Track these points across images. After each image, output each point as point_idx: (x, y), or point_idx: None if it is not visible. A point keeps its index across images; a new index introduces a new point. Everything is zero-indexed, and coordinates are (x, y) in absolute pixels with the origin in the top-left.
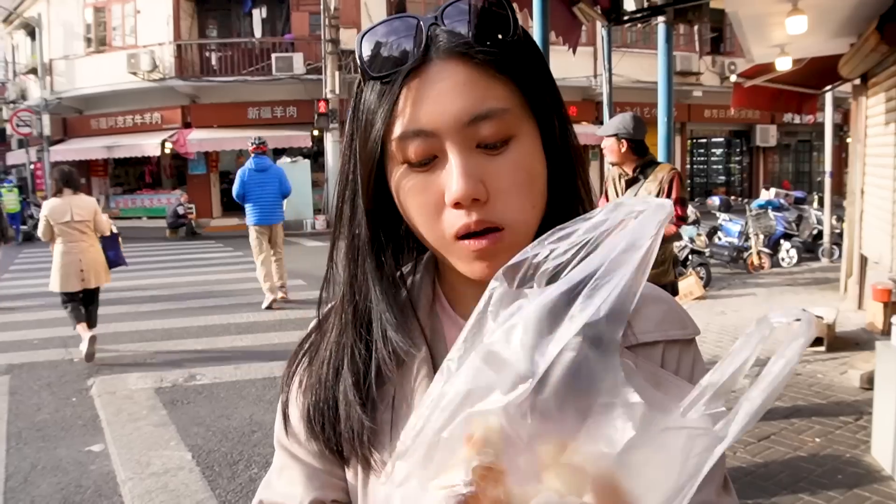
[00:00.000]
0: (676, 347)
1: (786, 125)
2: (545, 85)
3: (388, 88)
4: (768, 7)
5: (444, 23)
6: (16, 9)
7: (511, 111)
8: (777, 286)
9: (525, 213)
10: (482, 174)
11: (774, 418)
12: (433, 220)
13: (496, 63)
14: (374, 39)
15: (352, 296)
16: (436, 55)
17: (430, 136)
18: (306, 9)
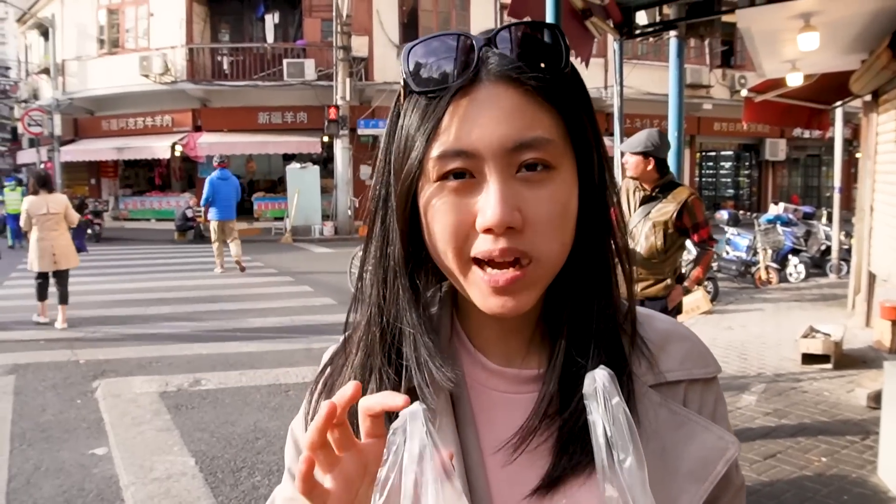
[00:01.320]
0: (699, 386)
1: (795, 139)
2: (589, 120)
3: (434, 105)
4: (780, 23)
5: (498, 46)
6: (30, 9)
7: (555, 143)
8: (784, 301)
9: (554, 250)
10: (519, 202)
11: (780, 436)
12: (457, 241)
13: (545, 92)
14: (423, 53)
15: (380, 317)
16: (486, 77)
17: (471, 157)
18: (319, 15)
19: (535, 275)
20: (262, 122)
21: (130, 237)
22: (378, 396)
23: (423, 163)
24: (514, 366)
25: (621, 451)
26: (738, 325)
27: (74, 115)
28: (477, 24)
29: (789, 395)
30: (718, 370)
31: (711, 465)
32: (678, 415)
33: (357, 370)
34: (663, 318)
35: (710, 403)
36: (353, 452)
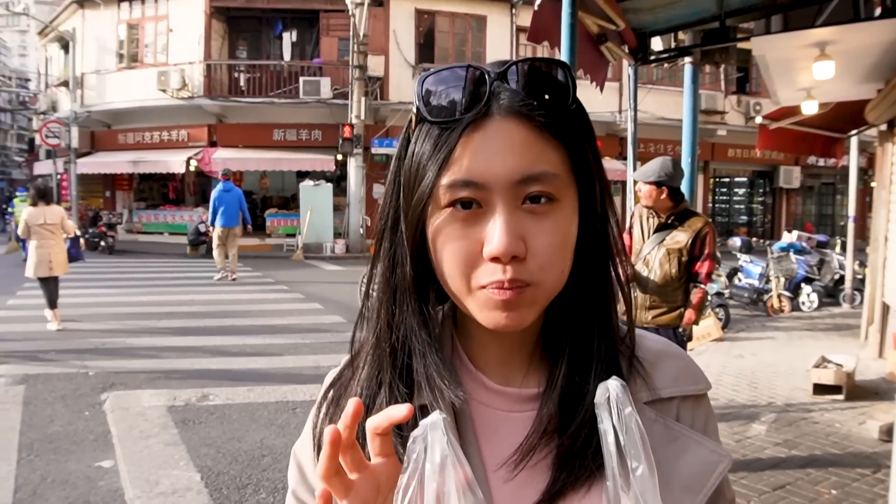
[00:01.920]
0: (690, 402)
1: (810, 167)
2: (592, 155)
3: (446, 136)
4: (795, 52)
5: (509, 81)
6: (51, 22)
7: (559, 177)
8: (797, 330)
9: (553, 276)
10: (524, 232)
11: (790, 468)
12: (465, 268)
13: (552, 128)
14: (437, 83)
15: (390, 335)
16: (497, 111)
17: (480, 188)
18: (336, 34)
19: (533, 296)
20: (276, 139)
21: (143, 250)
22: (383, 413)
23: (434, 190)
24: (514, 385)
25: (634, 460)
26: (749, 354)
27: (92, 127)
28: (493, 46)
29: (800, 425)
30: (708, 387)
31: (705, 477)
32: (672, 430)
33: (365, 383)
34: (656, 338)
35: (701, 418)
36: (365, 474)
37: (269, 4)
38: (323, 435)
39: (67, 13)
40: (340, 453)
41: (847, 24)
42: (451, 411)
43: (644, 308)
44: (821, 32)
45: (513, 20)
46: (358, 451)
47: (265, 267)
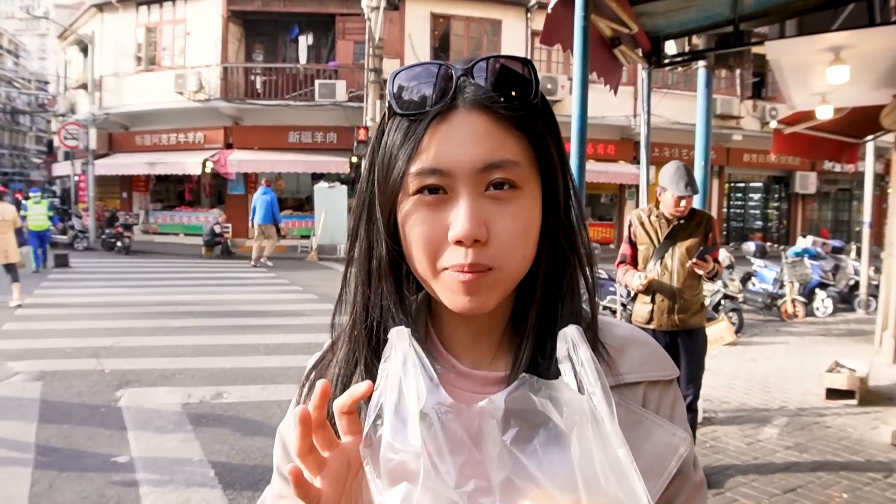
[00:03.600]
0: (657, 388)
1: (826, 173)
2: (555, 146)
3: (414, 128)
4: (810, 56)
5: (474, 76)
6: (71, 25)
7: (521, 165)
8: (810, 336)
9: (515, 260)
10: (486, 217)
11: (802, 471)
12: (432, 251)
13: (515, 119)
14: (408, 79)
15: (366, 316)
16: (462, 104)
17: (445, 175)
18: (351, 38)
19: (495, 279)
20: (292, 141)
21: (159, 251)
22: (346, 392)
23: (404, 178)
24: (482, 368)
25: (589, 386)
26: (763, 358)
27: (109, 129)
28: (508, 50)
29: (812, 429)
30: (676, 373)
31: (666, 460)
32: (635, 414)
33: (342, 363)
34: (623, 326)
35: (668, 404)
36: (337, 451)
37: (285, 8)
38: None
39: (86, 17)
40: (312, 432)
41: (862, 28)
42: None
43: (666, 311)
44: (836, 37)
45: (528, 24)
46: (329, 430)
47: (280, 268)
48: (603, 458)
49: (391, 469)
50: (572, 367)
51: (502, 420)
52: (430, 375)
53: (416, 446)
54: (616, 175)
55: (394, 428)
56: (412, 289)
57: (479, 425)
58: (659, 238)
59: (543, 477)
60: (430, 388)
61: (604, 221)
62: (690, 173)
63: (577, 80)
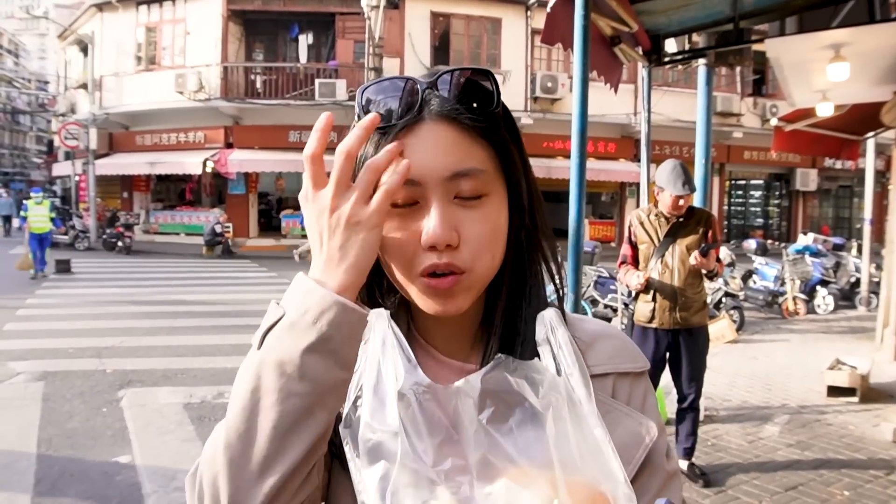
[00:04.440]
0: (627, 380)
1: (827, 170)
2: (518, 153)
3: (383, 140)
4: (810, 54)
5: (439, 88)
6: (70, 25)
7: (487, 172)
8: (812, 333)
9: (485, 262)
10: (456, 223)
11: (803, 469)
12: (406, 257)
13: (479, 129)
14: (375, 93)
15: None
16: (428, 116)
17: (415, 185)
18: (351, 37)
19: (468, 281)
20: (292, 140)
21: (160, 250)
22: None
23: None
24: (458, 359)
25: (567, 367)
26: (764, 356)
27: (110, 129)
28: (508, 49)
29: (813, 427)
30: (646, 365)
31: (633, 449)
32: (604, 404)
33: None
34: (594, 322)
35: (639, 396)
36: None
37: (285, 7)
38: None
39: (86, 17)
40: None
41: (862, 25)
42: None
43: (668, 310)
44: (836, 34)
45: (528, 22)
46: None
47: (280, 267)
48: (580, 438)
49: (370, 448)
50: (550, 350)
51: (478, 400)
52: (408, 356)
53: (393, 426)
54: (616, 173)
55: (372, 408)
56: (386, 295)
57: (455, 405)
58: (659, 237)
59: (519, 456)
60: (408, 368)
61: (604, 219)
62: (687, 171)
63: (577, 79)
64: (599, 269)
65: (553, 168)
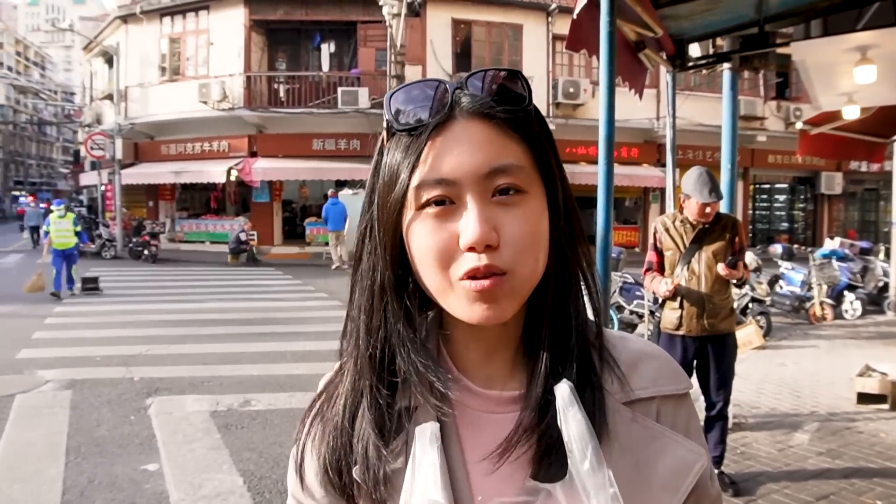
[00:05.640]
0: (671, 402)
1: (852, 173)
2: (553, 154)
3: (414, 141)
4: (836, 56)
5: (469, 88)
6: (96, 37)
7: (524, 169)
8: (840, 339)
9: (528, 265)
10: (496, 222)
11: (834, 478)
12: (443, 261)
13: (513, 124)
14: (403, 97)
15: (368, 338)
16: (459, 114)
17: (450, 184)
18: (373, 45)
19: (511, 284)
20: (315, 149)
21: (185, 259)
22: None
23: (407, 192)
24: (496, 388)
25: (578, 456)
26: (792, 362)
27: (135, 139)
28: (529, 55)
29: (844, 435)
30: (689, 386)
31: (682, 476)
32: (650, 430)
33: (348, 391)
34: (636, 340)
35: (682, 419)
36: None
37: (307, 16)
38: (304, 452)
39: (111, 28)
40: None
41: (889, 27)
42: (437, 408)
43: (695, 317)
44: (862, 36)
45: (549, 28)
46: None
47: (305, 275)
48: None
49: None
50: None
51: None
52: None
53: None
54: (640, 178)
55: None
56: (417, 307)
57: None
58: (685, 243)
59: None
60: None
61: (628, 225)
62: (714, 179)
63: (603, 86)
64: (625, 274)
65: (576, 174)
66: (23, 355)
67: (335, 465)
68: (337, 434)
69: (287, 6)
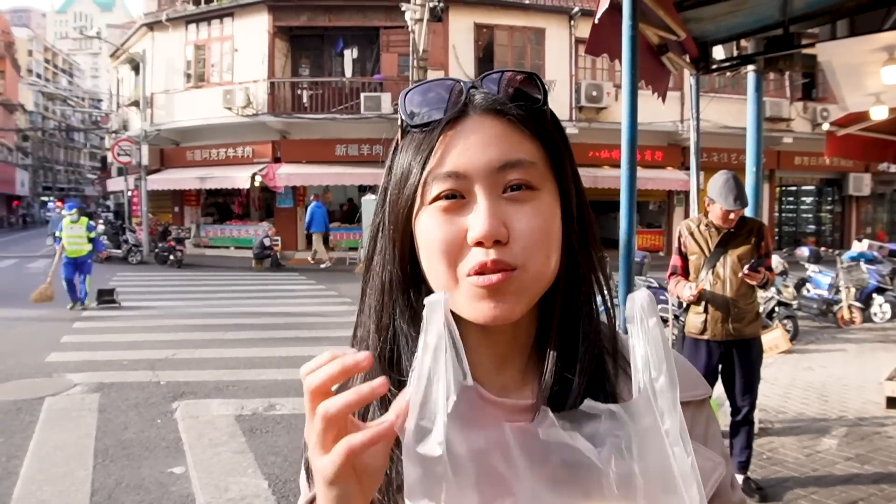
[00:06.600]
0: (690, 409)
1: (881, 174)
2: (567, 156)
3: (427, 137)
4: (863, 56)
5: (483, 87)
6: (122, 45)
7: (537, 166)
8: (868, 342)
9: (538, 261)
10: (505, 218)
11: (863, 483)
12: (451, 256)
13: (526, 122)
14: (417, 96)
15: (378, 336)
16: (472, 111)
17: (460, 178)
18: (396, 50)
19: (520, 281)
20: (339, 154)
21: (210, 264)
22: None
23: (419, 187)
24: (510, 396)
25: (654, 370)
26: (819, 366)
27: (161, 145)
28: (552, 59)
29: (873, 440)
30: (708, 392)
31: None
32: None
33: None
34: None
35: (701, 424)
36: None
37: (330, 23)
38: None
39: (138, 36)
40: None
41: None
42: None
43: (720, 321)
44: (889, 36)
45: (571, 31)
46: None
47: (329, 280)
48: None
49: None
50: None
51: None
52: (463, 370)
53: (439, 453)
54: (664, 182)
55: (418, 430)
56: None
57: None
58: (710, 247)
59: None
60: (461, 389)
61: (652, 229)
62: (740, 185)
63: (625, 90)
64: (649, 279)
65: (599, 178)
66: (52, 359)
67: None
68: None
69: (310, 12)
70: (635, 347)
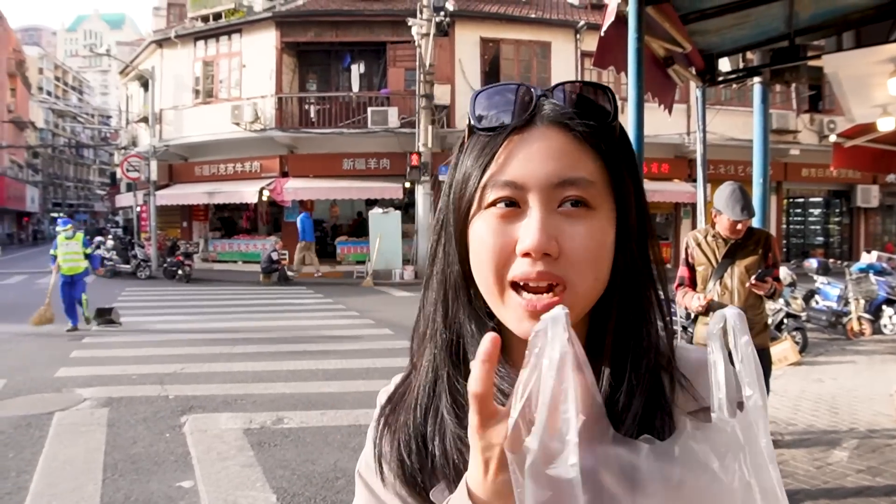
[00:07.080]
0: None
1: (889, 185)
2: (629, 174)
3: (491, 141)
4: (869, 68)
5: (554, 97)
6: (132, 61)
7: (596, 185)
8: (878, 354)
9: (586, 281)
10: (558, 233)
11: (874, 495)
12: (499, 262)
13: (592, 140)
14: (488, 98)
15: (446, 331)
16: (539, 121)
17: (517, 188)
18: (402, 65)
19: (568, 301)
20: (346, 168)
21: (218, 278)
22: (474, 369)
23: (477, 191)
24: None
25: (748, 388)
26: (829, 378)
27: (169, 161)
28: (557, 73)
29: (884, 452)
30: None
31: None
32: None
33: (423, 381)
34: (694, 349)
35: None
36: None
37: (337, 38)
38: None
39: (146, 53)
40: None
41: None
42: None
43: None
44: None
45: (577, 45)
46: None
47: (336, 293)
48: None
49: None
50: (726, 357)
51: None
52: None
53: (572, 476)
54: (671, 194)
55: (545, 450)
56: (484, 308)
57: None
58: (717, 258)
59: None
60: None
61: (659, 241)
62: (746, 196)
63: (632, 103)
64: None
65: None
66: (61, 373)
67: (409, 454)
68: (413, 423)
69: (317, 28)
70: (716, 363)
